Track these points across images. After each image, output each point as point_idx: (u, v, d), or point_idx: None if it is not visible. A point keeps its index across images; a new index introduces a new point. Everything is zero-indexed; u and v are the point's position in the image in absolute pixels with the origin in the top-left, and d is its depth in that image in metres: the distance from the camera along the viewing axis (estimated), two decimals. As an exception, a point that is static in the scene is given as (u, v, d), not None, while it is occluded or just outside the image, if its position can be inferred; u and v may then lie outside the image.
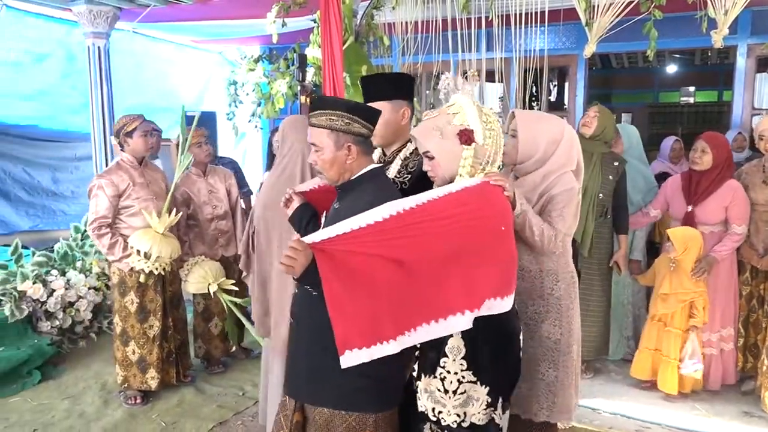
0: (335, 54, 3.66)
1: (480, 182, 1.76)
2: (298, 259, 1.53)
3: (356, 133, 1.83)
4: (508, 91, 5.59)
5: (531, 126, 2.28)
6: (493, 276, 1.68)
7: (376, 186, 1.87)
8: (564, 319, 2.27)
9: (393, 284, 1.58)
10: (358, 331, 1.56)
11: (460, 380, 1.78)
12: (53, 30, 6.64)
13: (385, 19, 4.58)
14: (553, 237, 2.15)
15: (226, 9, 5.89)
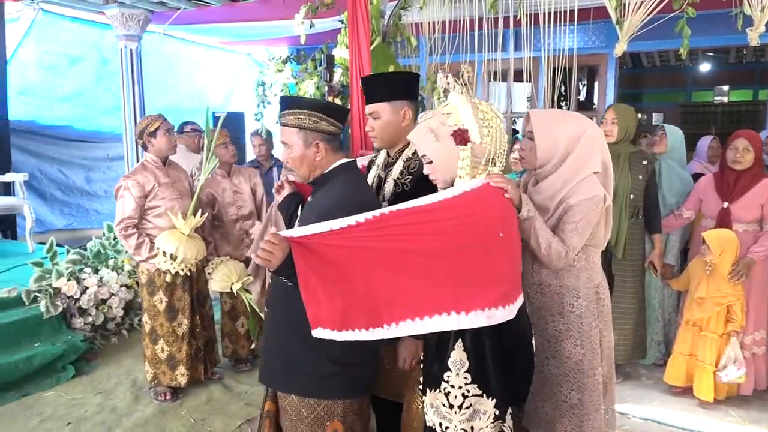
0: (362, 54, 3.67)
1: (481, 185, 1.70)
2: (275, 252, 1.59)
3: (324, 131, 1.91)
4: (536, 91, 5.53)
5: (548, 126, 2.09)
6: (490, 283, 1.61)
7: (345, 179, 1.94)
8: (586, 339, 2.11)
9: (369, 279, 1.59)
10: (329, 318, 1.59)
11: (464, 394, 1.71)
12: (87, 33, 6.79)
13: (413, 19, 4.57)
14: (563, 253, 1.99)
15: (255, 10, 5.95)
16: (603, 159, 2.10)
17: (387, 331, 1.60)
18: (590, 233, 2.05)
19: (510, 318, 1.62)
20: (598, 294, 2.17)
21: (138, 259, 3.41)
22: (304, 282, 1.56)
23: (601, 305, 2.18)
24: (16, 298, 4.01)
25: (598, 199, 2.01)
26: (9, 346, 3.71)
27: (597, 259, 2.18)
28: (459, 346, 1.71)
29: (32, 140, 7.17)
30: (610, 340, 2.24)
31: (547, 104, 4.78)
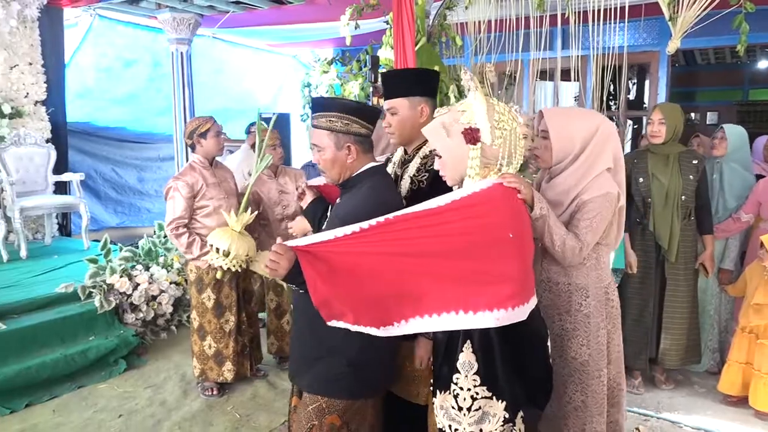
0: (408, 55, 3.67)
1: (492, 184, 1.67)
2: (281, 262, 1.60)
3: (355, 133, 1.90)
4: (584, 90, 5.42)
5: (562, 124, 2.09)
6: (499, 284, 1.58)
7: (372, 183, 1.93)
8: (593, 339, 2.10)
9: (378, 281, 1.59)
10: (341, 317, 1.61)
11: (473, 396, 1.68)
12: (141, 37, 7.01)
13: (458, 18, 4.55)
14: (577, 249, 1.98)
15: (301, 13, 6.02)
16: (615, 155, 2.10)
17: (397, 328, 1.61)
18: (603, 230, 2.05)
19: (520, 319, 1.59)
20: (607, 294, 2.15)
21: (189, 257, 3.49)
22: (313, 289, 1.58)
23: (610, 306, 2.16)
24: (73, 294, 4.17)
25: (611, 196, 2.02)
26: (66, 339, 3.86)
27: (607, 260, 2.17)
28: (468, 348, 1.68)
29: (88, 141, 7.45)
30: (618, 343, 2.20)
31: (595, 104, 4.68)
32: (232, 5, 6.04)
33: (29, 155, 5.58)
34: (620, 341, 2.22)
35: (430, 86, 2.25)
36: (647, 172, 3.41)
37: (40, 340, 3.73)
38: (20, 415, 3.26)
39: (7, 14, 5.46)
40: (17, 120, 5.66)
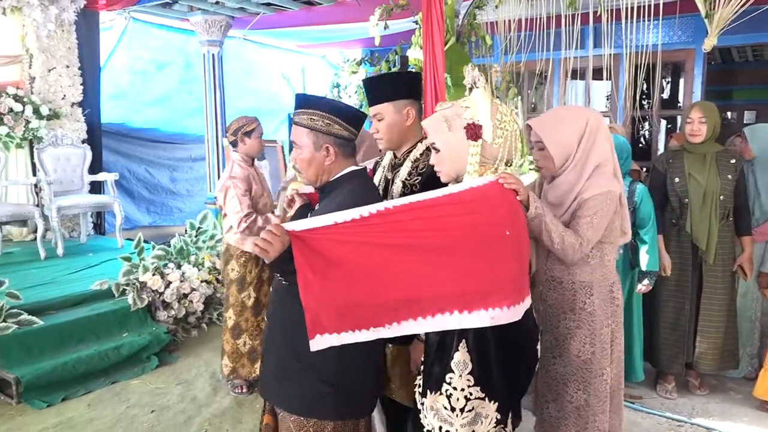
0: (437, 55, 3.66)
1: (489, 183, 1.65)
2: (274, 243, 1.53)
3: (336, 134, 1.81)
4: (617, 89, 5.34)
5: (554, 130, 2.10)
6: (495, 283, 1.55)
7: (352, 188, 1.83)
8: (597, 338, 2.08)
9: (372, 276, 1.54)
10: (328, 317, 1.53)
11: (467, 397, 1.64)
12: (173, 40, 7.13)
13: (487, 18, 4.52)
14: (577, 245, 1.97)
15: (330, 13, 6.06)
16: (611, 148, 2.10)
17: (388, 330, 1.55)
18: (605, 228, 2.04)
19: (515, 319, 1.56)
20: (612, 293, 2.14)
21: None
22: (303, 279, 1.51)
23: (615, 305, 2.15)
24: (107, 291, 4.26)
25: (613, 194, 2.02)
26: (100, 335, 3.94)
27: (612, 258, 2.15)
28: (463, 347, 1.64)
29: (122, 142, 7.61)
30: (621, 342, 2.18)
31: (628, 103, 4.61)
32: (262, 7, 6.11)
33: (66, 155, 5.73)
34: (622, 341, 2.21)
35: (413, 88, 2.22)
36: (684, 171, 3.34)
37: (75, 336, 3.82)
38: (56, 408, 3.34)
39: (46, 18, 5.61)
40: (55, 121, 5.81)
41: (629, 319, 3.37)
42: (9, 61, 5.65)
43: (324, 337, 1.53)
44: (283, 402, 1.84)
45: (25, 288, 4.06)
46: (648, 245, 3.21)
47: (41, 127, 5.60)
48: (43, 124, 5.62)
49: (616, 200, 2.03)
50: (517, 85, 4.49)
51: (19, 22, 5.64)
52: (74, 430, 3.11)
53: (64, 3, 5.75)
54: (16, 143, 5.59)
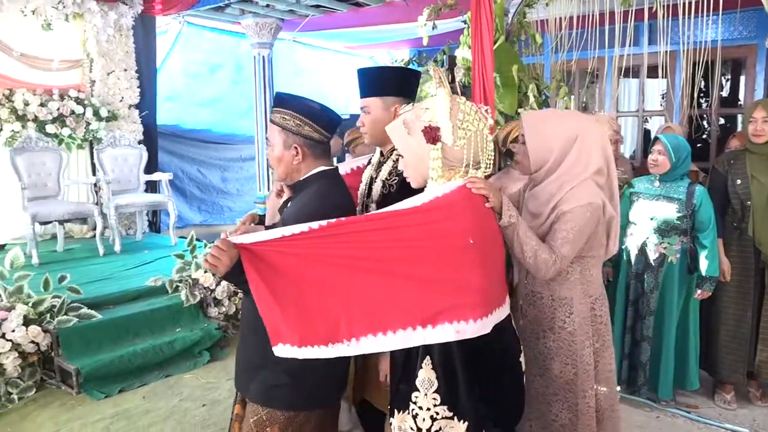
0: (485, 54, 3.62)
1: (455, 189, 1.57)
2: (222, 258, 1.52)
3: (306, 135, 1.82)
4: (673, 88, 5.17)
5: (539, 128, 1.97)
6: (458, 294, 1.48)
7: (318, 187, 1.83)
8: (579, 359, 1.95)
9: (327, 289, 1.49)
10: (287, 330, 1.50)
11: (433, 417, 1.56)
12: (225, 42, 7.30)
13: (538, 16, 4.44)
14: (551, 262, 1.82)
15: (379, 14, 6.08)
16: (604, 162, 1.94)
17: (348, 347, 1.50)
18: (584, 242, 1.89)
19: (483, 332, 1.48)
20: (593, 310, 1.99)
21: None
22: (255, 290, 1.49)
23: (598, 323, 2.00)
24: (161, 287, 4.39)
25: (595, 206, 1.86)
26: (155, 330, 4.07)
27: (596, 273, 2.01)
28: (427, 364, 1.56)
29: (176, 143, 7.83)
30: (609, 362, 2.04)
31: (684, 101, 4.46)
32: (311, 9, 6.18)
33: (123, 156, 5.94)
34: (612, 359, 2.06)
35: (406, 86, 2.15)
36: (746, 173, 3.20)
37: (132, 330, 3.95)
38: (113, 399, 3.47)
39: (105, 24, 5.83)
40: (113, 123, 6.03)
41: (685, 325, 3.26)
42: (71, 66, 5.89)
43: (286, 347, 1.51)
44: (248, 391, 1.89)
45: (84, 283, 4.23)
46: (707, 250, 3.09)
47: (100, 129, 5.83)
48: (102, 125, 5.84)
49: (598, 212, 1.88)
50: (567, 84, 4.39)
51: (81, 28, 5.88)
52: (130, 421, 3.22)
53: (123, 9, 5.96)
54: (77, 144, 5.83)
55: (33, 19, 5.38)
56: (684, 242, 3.17)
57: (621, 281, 3.38)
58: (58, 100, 5.58)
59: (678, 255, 3.17)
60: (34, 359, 3.48)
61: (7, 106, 5.25)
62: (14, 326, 3.38)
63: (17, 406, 3.30)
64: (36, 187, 5.24)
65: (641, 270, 3.26)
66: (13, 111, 5.27)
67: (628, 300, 3.34)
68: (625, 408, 3.22)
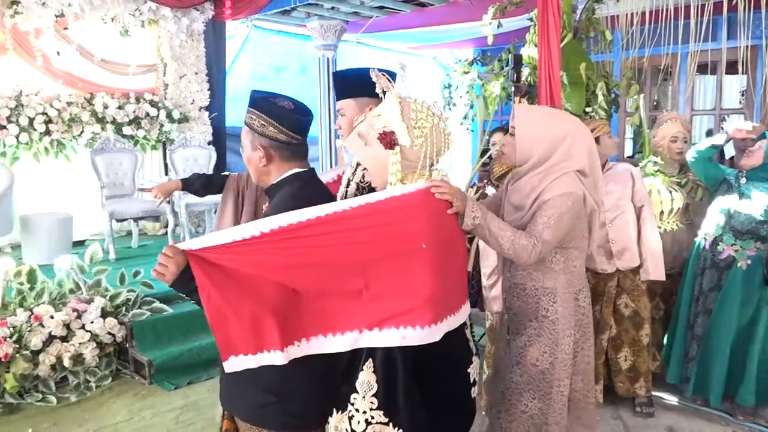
0: (552, 52, 3.54)
1: (414, 191, 1.53)
2: (169, 266, 1.46)
3: (271, 137, 1.75)
4: (754, 84, 4.90)
5: (531, 123, 1.98)
6: (407, 300, 1.45)
7: (289, 190, 1.77)
8: (558, 347, 1.95)
9: (278, 292, 1.45)
10: (241, 338, 1.45)
11: (368, 420, 1.54)
12: (290, 44, 7.47)
13: (608, 12, 4.31)
14: (530, 247, 1.81)
15: (442, 14, 6.05)
16: (590, 162, 1.96)
17: (298, 348, 1.48)
18: (565, 231, 1.89)
19: (431, 340, 1.44)
20: (577, 301, 2.00)
21: None
22: (207, 298, 1.43)
23: (581, 314, 2.01)
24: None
25: (575, 196, 1.88)
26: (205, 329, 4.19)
27: (579, 264, 2.02)
28: (368, 367, 1.56)
29: (243, 143, 8.05)
30: (589, 354, 2.05)
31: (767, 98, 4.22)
32: (375, 11, 6.22)
33: (194, 156, 6.16)
34: (591, 352, 2.06)
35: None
36: None
37: (199, 325, 4.08)
38: (183, 391, 3.60)
39: (178, 29, 6.07)
40: (184, 124, 6.27)
41: (751, 337, 3.02)
42: (146, 70, 6.17)
43: (239, 358, 1.47)
44: (234, 409, 1.83)
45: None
46: None
47: (173, 130, 6.07)
48: (174, 127, 6.08)
49: (579, 202, 1.89)
50: (639, 82, 4.24)
51: (155, 34, 6.14)
52: (199, 412, 3.33)
53: (195, 14, 6.18)
54: (151, 145, 6.10)
55: (112, 26, 5.67)
56: (760, 249, 2.98)
57: (689, 276, 3.25)
58: (134, 103, 5.85)
59: (749, 261, 2.99)
60: (110, 350, 3.66)
61: (88, 109, 5.54)
62: (93, 318, 3.57)
63: (95, 393, 3.48)
64: (113, 186, 5.50)
65: (706, 267, 3.14)
66: (93, 114, 5.56)
67: (692, 296, 3.23)
68: (698, 422, 3.09)
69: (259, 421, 1.76)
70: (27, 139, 5.09)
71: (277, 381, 1.62)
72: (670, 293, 3.51)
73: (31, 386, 3.37)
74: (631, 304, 3.13)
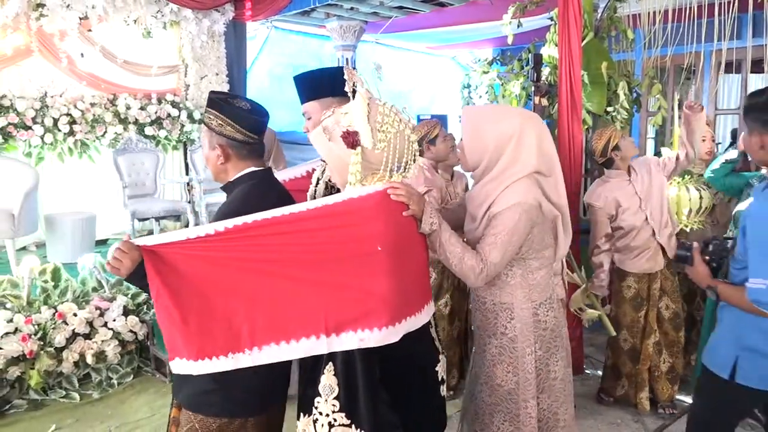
0: (573, 51, 3.52)
1: (372, 193, 1.52)
2: (123, 261, 1.49)
3: (228, 136, 1.79)
4: (780, 83, 4.81)
5: (475, 127, 1.88)
6: (363, 302, 1.44)
7: (243, 189, 1.79)
8: (520, 367, 1.89)
9: (230, 295, 1.45)
10: (184, 342, 1.46)
11: (331, 423, 1.54)
12: (308, 44, 7.51)
13: (629, 10, 4.26)
14: (478, 269, 1.74)
15: (462, 14, 6.03)
16: (544, 163, 1.84)
17: (249, 357, 1.47)
18: (517, 246, 1.80)
19: (389, 341, 1.44)
20: (537, 316, 1.90)
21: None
22: (156, 296, 1.45)
23: (541, 328, 1.91)
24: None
25: (526, 207, 1.77)
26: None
27: (540, 276, 1.91)
28: (329, 370, 1.54)
29: (263, 143, 8.11)
30: (555, 370, 1.94)
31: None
32: (394, 11, 6.22)
33: (214, 156, 6.22)
34: (559, 367, 1.96)
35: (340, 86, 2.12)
36: None
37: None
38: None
39: (199, 30, 6.13)
40: (205, 124, 6.33)
41: None
42: (168, 71, 6.24)
43: (182, 362, 1.48)
44: (179, 396, 1.85)
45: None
46: None
47: (193, 130, 6.13)
48: (195, 127, 6.14)
49: (531, 211, 1.79)
50: (661, 82, 4.19)
51: (177, 35, 6.20)
52: (218, 410, 3.36)
53: (216, 16, 6.24)
54: (172, 145, 6.17)
55: (134, 28, 5.74)
56: None
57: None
58: (156, 103, 5.92)
59: None
60: (132, 347, 3.70)
61: (111, 109, 5.62)
62: (115, 316, 3.62)
63: (116, 390, 3.52)
64: (135, 185, 5.58)
65: None
66: (116, 114, 5.64)
67: None
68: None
69: (199, 408, 1.78)
70: (51, 140, 5.18)
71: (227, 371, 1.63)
72: (694, 295, 3.46)
73: (55, 383, 3.43)
74: (672, 305, 3.13)
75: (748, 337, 1.86)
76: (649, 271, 3.09)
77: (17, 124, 4.89)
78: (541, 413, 1.95)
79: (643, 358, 3.13)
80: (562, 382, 1.98)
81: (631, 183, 3.12)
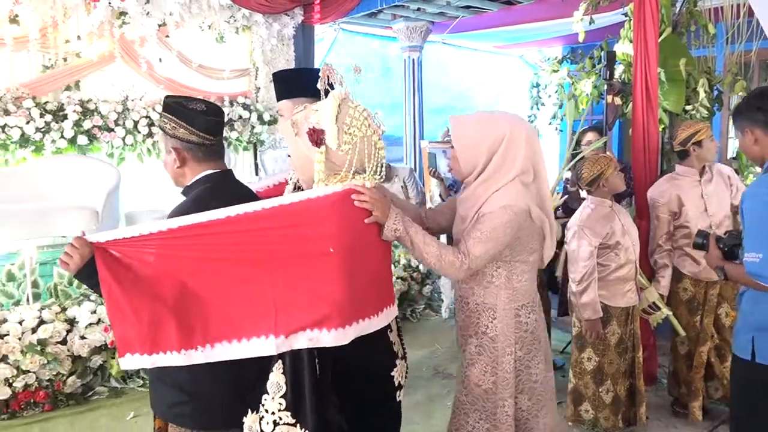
0: (649, 48, 3.40)
1: (331, 192, 1.49)
2: (74, 257, 1.50)
3: (182, 138, 1.77)
4: None
5: (465, 133, 1.92)
6: (315, 302, 1.45)
7: (198, 191, 1.79)
8: (498, 366, 1.91)
9: (183, 293, 1.45)
10: (137, 336, 1.46)
11: (276, 421, 1.53)
12: (372, 44, 7.58)
13: (711, 4, 4.06)
14: (458, 263, 1.77)
15: (530, 12, 5.93)
16: (530, 163, 1.89)
17: (202, 354, 1.49)
18: (502, 246, 1.83)
19: (340, 343, 1.43)
20: (518, 317, 1.93)
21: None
22: (107, 292, 1.46)
23: (523, 330, 1.94)
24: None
25: (516, 209, 1.82)
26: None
27: (525, 279, 1.94)
28: (278, 368, 1.55)
29: (329, 144, 8.26)
30: (536, 372, 1.97)
31: None
32: (461, 10, 6.18)
33: (283, 157, 6.35)
34: (540, 370, 1.98)
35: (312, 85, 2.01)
36: None
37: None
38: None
39: (269, 34, 6.29)
40: (274, 126, 6.49)
41: None
42: (239, 74, 6.43)
43: (135, 357, 1.48)
44: (154, 407, 1.86)
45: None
46: None
47: (263, 132, 6.29)
48: (264, 128, 6.30)
49: (521, 215, 1.83)
50: (745, 78, 3.97)
51: (248, 39, 6.39)
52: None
53: (285, 20, 6.38)
54: (243, 146, 6.36)
55: (208, 33, 5.96)
56: None
57: None
58: (228, 106, 6.11)
59: None
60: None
61: (186, 112, 5.85)
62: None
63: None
64: (208, 185, 5.78)
65: None
66: (191, 117, 5.86)
67: None
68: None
69: (174, 419, 1.81)
70: (132, 141, 5.44)
71: (187, 380, 1.68)
72: None
73: (134, 372, 3.60)
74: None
75: (762, 317, 1.93)
76: (706, 279, 2.99)
77: (101, 126, 5.16)
78: (520, 413, 1.98)
79: (696, 365, 3.02)
80: (543, 385, 2.01)
81: (700, 185, 3.00)
